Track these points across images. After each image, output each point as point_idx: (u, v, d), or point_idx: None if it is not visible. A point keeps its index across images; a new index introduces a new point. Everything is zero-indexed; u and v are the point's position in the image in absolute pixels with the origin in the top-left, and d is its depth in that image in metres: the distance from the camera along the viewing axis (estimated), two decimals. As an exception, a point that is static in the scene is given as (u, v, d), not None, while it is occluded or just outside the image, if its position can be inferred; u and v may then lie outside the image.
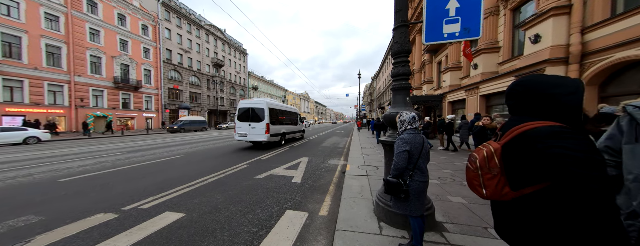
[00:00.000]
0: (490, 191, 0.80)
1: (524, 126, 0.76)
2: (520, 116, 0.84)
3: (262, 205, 2.97)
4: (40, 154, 7.46)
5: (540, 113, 0.78)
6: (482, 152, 0.85)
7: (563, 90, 0.75)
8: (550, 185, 0.70)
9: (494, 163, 0.79)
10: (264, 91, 55.34)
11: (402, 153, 1.61)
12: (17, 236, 2.15)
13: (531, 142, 0.71)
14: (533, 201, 0.73)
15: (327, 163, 5.94)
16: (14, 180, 4.13)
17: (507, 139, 0.80)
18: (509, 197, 0.77)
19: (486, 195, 0.82)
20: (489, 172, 0.80)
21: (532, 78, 0.83)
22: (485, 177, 0.81)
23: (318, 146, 9.72)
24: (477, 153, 0.88)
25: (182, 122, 20.89)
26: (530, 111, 0.81)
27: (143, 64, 23.42)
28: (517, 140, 0.76)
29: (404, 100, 2.50)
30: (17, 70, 14.66)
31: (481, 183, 0.83)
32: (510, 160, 0.77)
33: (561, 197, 0.68)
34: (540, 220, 0.71)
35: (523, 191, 0.75)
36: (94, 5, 19.33)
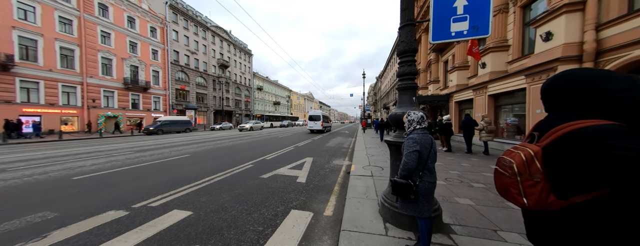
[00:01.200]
0: (533, 200, 0.69)
1: (571, 125, 0.66)
2: (562, 114, 0.74)
3: (267, 204, 2.99)
4: (54, 153, 7.74)
5: (588, 111, 0.69)
6: (519, 155, 0.73)
7: (616, 86, 0.66)
8: (609, 192, 0.61)
9: (536, 167, 0.69)
10: (269, 91, 55.70)
11: (412, 153, 1.58)
12: (35, 231, 2.24)
13: (585, 143, 0.61)
14: (585, 211, 0.63)
15: (331, 163, 5.93)
16: (30, 178, 4.31)
17: (549, 140, 0.69)
18: (554, 206, 0.67)
19: (528, 205, 0.71)
20: (530, 177, 0.70)
21: (576, 72, 0.73)
22: (526, 183, 0.70)
23: (322, 146, 9.72)
24: (509, 156, 0.77)
25: (160, 122, 18.46)
26: (575, 108, 0.71)
27: (151, 65, 23.99)
28: (565, 140, 0.66)
29: (410, 100, 2.47)
30: (33, 72, 15.28)
31: (520, 190, 0.71)
32: (555, 163, 0.67)
33: (624, 206, 0.59)
34: (595, 233, 0.62)
35: (572, 199, 0.64)
36: (105, 9, 19.93)
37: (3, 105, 14.01)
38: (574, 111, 0.72)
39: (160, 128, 17.87)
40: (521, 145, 0.78)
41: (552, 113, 0.80)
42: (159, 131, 17.67)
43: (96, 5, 19.10)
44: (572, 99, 0.72)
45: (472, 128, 6.91)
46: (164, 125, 18.30)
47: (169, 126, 18.69)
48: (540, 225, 0.75)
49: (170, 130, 18.73)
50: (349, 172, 4.60)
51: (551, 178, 0.68)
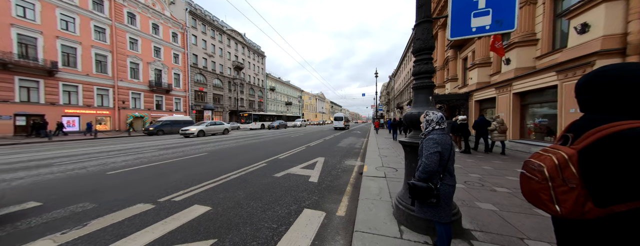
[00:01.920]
0: (567, 207, 0.64)
1: (614, 126, 0.61)
2: (601, 114, 0.69)
3: (281, 202, 3.06)
4: (91, 149, 8.56)
5: (631, 111, 0.64)
6: (550, 158, 0.68)
7: None
8: None
9: (570, 172, 0.63)
10: (281, 91, 56.72)
11: (432, 154, 1.51)
12: (77, 220, 2.51)
13: (631, 146, 0.56)
14: (629, 221, 0.58)
15: (343, 163, 5.90)
16: (72, 172, 4.81)
17: (586, 142, 0.64)
18: (592, 215, 0.62)
19: (562, 213, 0.65)
20: (564, 183, 0.64)
21: (619, 67, 0.68)
22: (559, 189, 0.65)
23: (333, 146, 9.70)
24: (538, 159, 0.71)
25: (161, 122, 17.25)
26: (616, 108, 0.66)
27: (173, 68, 25.58)
28: (606, 143, 0.61)
29: (427, 99, 2.39)
30: (73, 77, 17.02)
31: (552, 197, 0.66)
32: (594, 168, 0.62)
33: None
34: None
35: (613, 208, 0.60)
36: (133, 17, 21.61)
37: (49, 107, 15.78)
38: (615, 110, 0.67)
39: (160, 129, 16.63)
40: (552, 148, 0.72)
41: (589, 113, 0.74)
42: (159, 131, 16.43)
43: (126, 14, 20.78)
44: (613, 97, 0.66)
45: (485, 129, 6.81)
46: (164, 126, 16.97)
47: (170, 126, 17.18)
48: (575, 235, 0.69)
49: (172, 131, 17.13)
50: (362, 172, 4.55)
51: (589, 184, 0.62)
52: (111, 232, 2.22)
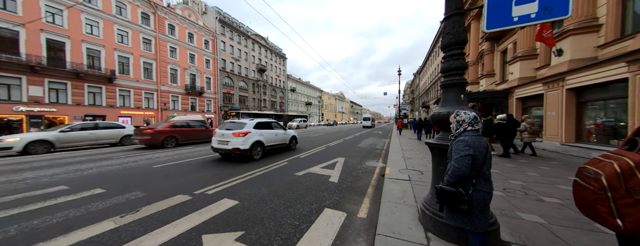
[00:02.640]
0: (633, 222, 0.55)
1: None
2: None
3: (302, 200, 3.14)
4: (119, 149, 9.87)
5: None
6: (610, 165, 0.60)
7: None
8: None
9: (636, 181, 0.55)
10: (301, 92, 57.87)
11: (463, 157, 1.39)
12: (131, 206, 2.93)
13: None
14: None
15: (364, 164, 5.78)
16: (126, 165, 5.62)
17: None
18: None
19: (625, 228, 0.57)
20: (628, 194, 0.56)
21: None
22: (621, 201, 0.57)
23: (354, 146, 9.55)
24: (596, 166, 0.63)
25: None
26: None
27: (205, 73, 28.02)
28: None
29: (457, 98, 2.21)
30: (126, 83, 19.83)
31: (612, 209, 0.58)
32: None
33: None
34: None
35: None
36: (172, 28, 24.27)
37: (109, 109, 18.65)
38: None
39: None
40: (615, 153, 0.63)
41: None
42: None
43: (167, 26, 23.46)
44: None
45: (513, 129, 6.18)
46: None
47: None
48: None
49: None
50: (384, 174, 4.40)
51: None
52: (157, 218, 2.55)
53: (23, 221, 2.46)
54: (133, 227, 2.33)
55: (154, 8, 22.12)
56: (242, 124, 6.19)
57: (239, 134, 5.83)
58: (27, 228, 2.31)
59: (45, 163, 5.82)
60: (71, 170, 4.92)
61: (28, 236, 2.15)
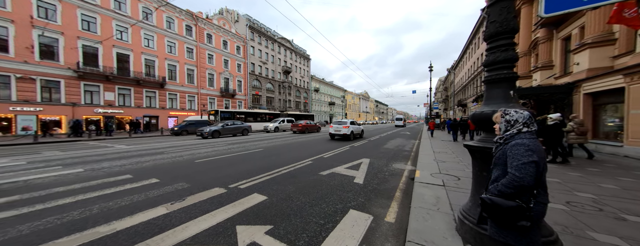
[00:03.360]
0: None
1: None
2: None
3: (327, 200, 3.15)
4: (182, 143, 11.24)
5: None
6: None
7: None
8: None
9: None
10: (324, 92, 58.19)
11: (527, 165, 1.16)
12: (179, 195, 3.35)
13: None
14: None
15: (390, 166, 5.52)
16: (174, 159, 6.46)
17: None
18: None
19: None
20: None
21: None
22: None
23: (379, 147, 9.19)
24: None
25: (186, 122, 17.80)
26: None
27: (236, 77, 30.39)
28: None
29: (505, 95, 1.94)
30: (174, 87, 22.77)
31: None
32: None
33: None
34: None
35: None
36: (210, 37, 26.96)
37: (161, 110, 21.69)
38: None
39: (184, 129, 16.90)
40: None
41: None
42: (183, 131, 16.71)
43: (205, 35, 26.18)
44: None
45: (560, 130, 5.43)
46: (188, 126, 17.24)
47: (194, 126, 17.25)
48: None
49: (195, 131, 15.99)
50: (413, 178, 4.13)
51: None
52: (199, 207, 2.86)
53: (102, 202, 3.03)
54: (180, 214, 2.67)
55: (195, 20, 24.92)
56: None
57: None
58: (105, 208, 2.84)
59: (116, 155, 7.08)
60: (134, 162, 5.89)
61: (106, 215, 2.64)
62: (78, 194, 3.34)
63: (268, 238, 2.13)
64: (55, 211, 2.72)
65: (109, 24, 18.03)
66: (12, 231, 2.25)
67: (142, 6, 20.15)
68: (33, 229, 2.29)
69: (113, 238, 2.12)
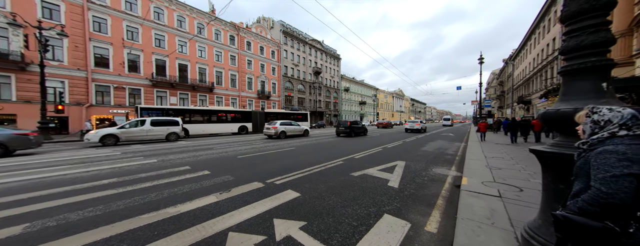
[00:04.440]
0: None
1: None
2: None
3: (359, 202, 3.08)
4: (228, 140, 12.64)
5: None
6: None
7: None
8: None
9: None
10: (355, 91, 56.95)
11: (619, 178, 0.91)
12: (225, 186, 3.80)
13: None
14: None
15: (430, 170, 5.02)
16: (221, 154, 7.34)
17: None
18: None
19: None
20: None
21: None
22: None
23: (416, 149, 8.47)
24: None
25: None
26: None
27: (271, 79, 32.59)
28: None
29: (593, 88, 1.53)
30: (220, 91, 25.92)
31: None
32: None
33: None
34: None
35: None
36: (249, 44, 29.66)
37: (210, 111, 25.06)
38: None
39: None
40: None
41: None
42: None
43: (245, 43, 28.95)
44: None
45: None
46: None
47: None
48: None
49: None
50: (459, 185, 3.66)
51: None
52: (241, 199, 3.18)
53: (170, 188, 3.68)
54: (227, 203, 3.02)
55: (237, 30, 27.82)
56: None
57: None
58: (172, 193, 3.44)
59: (178, 150, 8.49)
60: (191, 156, 6.95)
61: (173, 199, 3.20)
62: (154, 180, 4.14)
63: (302, 234, 2.21)
64: (139, 193, 3.44)
65: (173, 39, 21.76)
66: (113, 205, 2.95)
67: (196, 23, 23.61)
68: (127, 205, 2.95)
69: (178, 219, 2.55)
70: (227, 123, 17.26)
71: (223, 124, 17.02)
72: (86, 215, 2.65)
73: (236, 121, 17.90)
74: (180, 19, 22.39)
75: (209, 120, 16.30)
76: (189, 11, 22.94)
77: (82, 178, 4.32)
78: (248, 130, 18.44)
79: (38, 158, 6.55)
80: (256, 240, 2.09)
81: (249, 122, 18.56)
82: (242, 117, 18.40)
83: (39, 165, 5.53)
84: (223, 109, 17.84)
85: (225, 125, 17.12)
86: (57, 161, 6.12)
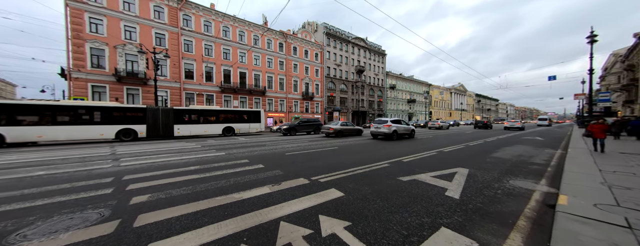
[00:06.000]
0: None
1: None
2: None
3: (410, 209, 2.81)
4: (276, 138, 13.95)
5: None
6: None
7: None
8: None
9: None
10: (402, 88, 52.24)
11: None
12: (276, 180, 4.21)
13: None
14: None
15: (505, 182, 4.05)
16: (271, 151, 8.18)
17: None
18: None
19: None
20: None
21: None
22: None
23: (484, 155, 7.00)
24: None
25: (301, 120, 19.08)
26: None
27: (314, 81, 33.88)
28: None
29: None
30: (271, 94, 28.90)
31: None
32: None
33: None
34: None
35: None
36: (295, 49, 31.82)
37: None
38: None
39: (293, 127, 17.89)
40: None
41: None
42: (291, 130, 17.52)
43: (292, 48, 31.25)
44: None
45: None
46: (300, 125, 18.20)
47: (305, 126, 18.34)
48: None
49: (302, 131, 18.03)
50: (553, 204, 2.81)
51: None
52: (289, 193, 3.46)
53: (235, 177, 4.38)
54: (278, 195, 3.34)
55: (285, 37, 30.34)
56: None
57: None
58: (236, 182, 4.08)
59: (239, 145, 10.00)
60: (249, 151, 8.06)
61: (237, 186, 3.80)
62: (223, 169, 5.03)
63: (347, 234, 2.20)
64: (214, 179, 4.25)
65: (236, 52, 25.81)
66: (197, 187, 3.76)
67: (253, 35, 27.19)
68: (206, 188, 3.70)
69: (241, 204, 3.00)
70: (93, 126, 11.16)
71: (85, 127, 11.00)
72: (181, 192, 3.48)
73: (110, 122, 11.63)
74: (240, 33, 26.29)
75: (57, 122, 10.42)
76: (247, 26, 26.65)
77: (178, 164, 5.70)
78: (137, 134, 12.27)
79: (148, 148, 9.07)
80: (304, 233, 2.22)
81: (140, 123, 12.41)
82: (127, 115, 12.18)
83: (149, 153, 7.65)
84: (84, 105, 11.23)
85: (88, 129, 11.03)
86: (161, 150, 8.30)
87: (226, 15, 24.83)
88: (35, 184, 3.92)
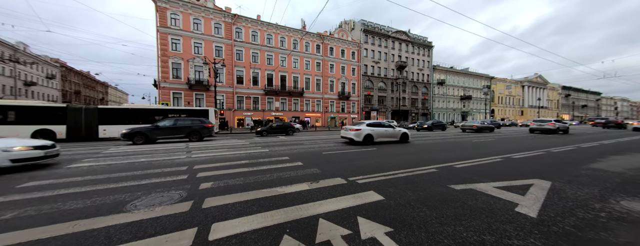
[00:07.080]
0: None
1: None
2: None
3: (465, 223, 2.43)
4: (311, 138, 14.37)
5: None
6: None
7: None
8: None
9: None
10: (453, 83, 45.59)
11: None
12: (314, 178, 4.36)
13: None
14: None
15: (611, 203, 3.02)
16: (308, 149, 8.50)
17: None
18: None
19: None
20: None
21: None
22: None
23: (576, 166, 5.39)
24: None
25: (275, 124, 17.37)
26: None
27: (351, 80, 33.33)
28: None
29: None
30: (308, 95, 30.05)
31: None
32: None
33: None
34: None
35: None
36: (332, 50, 32.09)
37: (301, 113, 29.69)
38: None
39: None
40: None
41: None
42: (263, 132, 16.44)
43: (328, 49, 31.63)
44: None
45: None
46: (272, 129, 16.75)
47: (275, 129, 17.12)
48: None
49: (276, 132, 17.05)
50: None
51: None
52: (328, 191, 3.51)
53: (277, 173, 4.76)
54: (316, 192, 3.45)
55: (322, 39, 30.98)
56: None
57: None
58: (278, 177, 4.43)
59: (280, 143, 10.80)
60: (289, 149, 8.61)
61: (279, 181, 4.12)
62: (268, 165, 5.54)
63: (389, 240, 2.08)
64: (260, 173, 4.72)
65: (278, 57, 28.00)
66: (247, 179, 4.26)
67: (292, 40, 28.90)
68: (254, 180, 4.16)
69: (283, 197, 3.24)
70: (7, 126, 10.32)
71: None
72: (236, 182, 4.02)
73: (26, 122, 10.73)
74: (281, 39, 28.35)
75: None
76: (287, 31, 28.53)
77: (231, 158, 6.60)
78: (55, 135, 11.22)
79: (211, 144, 10.79)
80: (343, 232, 2.22)
81: (60, 123, 11.35)
82: (45, 115, 11.14)
83: (212, 148, 9.10)
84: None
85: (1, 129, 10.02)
86: (220, 146, 9.77)
87: (270, 24, 27.24)
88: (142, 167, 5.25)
